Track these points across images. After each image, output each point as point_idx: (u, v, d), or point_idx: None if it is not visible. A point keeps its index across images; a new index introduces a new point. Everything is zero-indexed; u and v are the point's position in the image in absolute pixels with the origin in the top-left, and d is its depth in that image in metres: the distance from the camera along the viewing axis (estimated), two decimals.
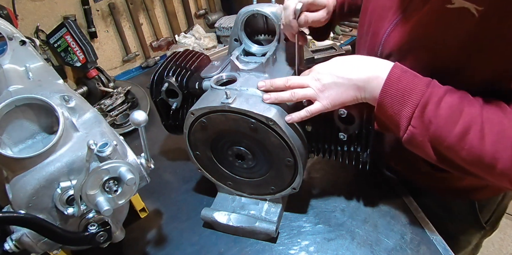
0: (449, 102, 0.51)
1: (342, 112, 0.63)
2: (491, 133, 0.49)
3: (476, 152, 0.50)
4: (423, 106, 0.52)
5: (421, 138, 0.54)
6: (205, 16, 1.86)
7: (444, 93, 0.52)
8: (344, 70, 0.60)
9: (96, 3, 1.44)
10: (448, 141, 0.52)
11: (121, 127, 1.21)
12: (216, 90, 0.70)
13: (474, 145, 0.50)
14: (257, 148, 0.71)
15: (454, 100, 0.52)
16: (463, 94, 0.53)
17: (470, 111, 0.51)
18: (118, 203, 0.60)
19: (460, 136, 0.51)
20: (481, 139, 0.50)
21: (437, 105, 0.51)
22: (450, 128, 0.51)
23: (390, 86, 0.54)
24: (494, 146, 0.49)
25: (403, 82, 0.54)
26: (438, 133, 0.52)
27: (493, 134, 0.49)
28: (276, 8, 0.72)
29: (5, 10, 1.07)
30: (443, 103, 0.51)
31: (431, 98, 0.52)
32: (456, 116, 0.51)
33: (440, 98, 0.52)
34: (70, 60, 1.31)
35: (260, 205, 0.82)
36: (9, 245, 0.58)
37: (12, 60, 0.77)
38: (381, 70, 0.56)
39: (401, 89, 0.54)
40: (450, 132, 0.51)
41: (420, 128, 0.53)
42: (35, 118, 0.64)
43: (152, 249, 0.80)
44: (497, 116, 0.50)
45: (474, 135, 0.50)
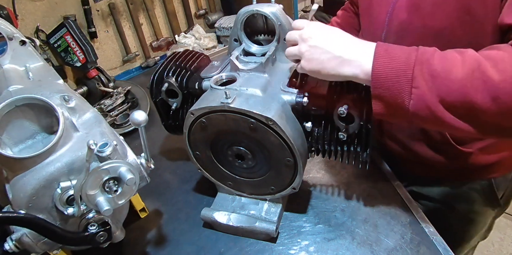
0: (442, 54, 0.53)
1: (342, 112, 0.63)
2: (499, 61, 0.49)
3: (490, 85, 0.49)
4: (420, 64, 0.52)
5: (429, 97, 0.52)
6: (205, 16, 1.86)
7: (434, 50, 0.54)
8: (332, 39, 0.60)
9: (96, 3, 1.44)
10: (459, 85, 0.50)
11: (121, 127, 1.21)
12: (216, 90, 0.70)
13: (489, 79, 0.49)
14: (257, 148, 0.71)
15: (446, 52, 0.53)
16: (452, 49, 0.54)
17: (465, 55, 0.52)
18: (118, 203, 0.60)
19: (469, 74, 0.50)
20: (487, 71, 0.49)
21: (432, 58, 0.52)
22: (455, 73, 0.50)
23: (381, 57, 0.55)
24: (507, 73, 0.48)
25: (392, 52, 0.55)
26: (445, 82, 0.51)
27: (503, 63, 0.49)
28: (276, 8, 0.72)
29: (5, 10, 1.07)
30: (436, 56, 0.52)
31: (424, 55, 0.53)
32: (455, 61, 0.51)
33: (433, 53, 0.53)
34: (70, 60, 1.31)
35: (260, 205, 0.82)
36: (9, 245, 0.58)
37: (12, 60, 0.77)
38: (367, 48, 0.57)
39: (392, 57, 0.54)
40: (456, 78, 0.50)
41: (423, 86, 0.52)
42: (35, 118, 0.64)
43: (152, 249, 0.80)
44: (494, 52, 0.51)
45: (480, 73, 0.49)
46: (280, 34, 0.74)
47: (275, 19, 0.72)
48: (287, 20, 0.73)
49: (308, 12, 2.14)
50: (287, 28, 0.72)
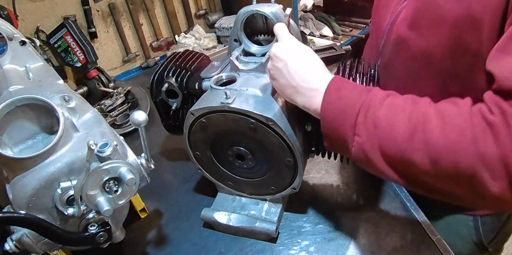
0: (391, 103, 0.49)
1: None
2: (442, 124, 0.44)
3: (430, 148, 0.45)
4: (366, 111, 0.49)
5: (369, 147, 0.49)
6: (205, 16, 1.86)
7: (386, 95, 0.50)
8: (294, 66, 0.58)
9: (96, 3, 1.44)
10: (398, 143, 0.47)
11: (121, 127, 1.21)
12: (216, 90, 0.71)
13: (430, 141, 0.44)
14: (257, 148, 0.71)
15: (397, 100, 0.49)
16: (409, 96, 0.50)
17: (416, 107, 0.47)
18: (118, 203, 0.60)
19: (410, 135, 0.46)
20: (428, 134, 0.45)
21: (379, 107, 0.49)
22: (398, 129, 0.47)
23: (330, 96, 0.53)
24: (452, 139, 0.43)
25: (342, 92, 0.53)
26: (385, 137, 0.48)
27: (445, 125, 0.44)
28: (276, 8, 0.72)
29: (5, 11, 1.07)
30: (385, 104, 0.49)
31: (372, 101, 0.50)
32: (401, 115, 0.47)
33: (382, 99, 0.49)
34: (70, 60, 1.31)
35: (260, 205, 0.82)
36: (9, 245, 0.58)
37: (12, 61, 0.77)
38: (321, 83, 0.55)
39: (341, 98, 0.52)
40: (397, 133, 0.47)
41: (366, 135, 0.49)
42: (35, 119, 0.64)
43: (152, 249, 0.80)
44: (444, 110, 0.46)
45: (422, 132, 0.45)
46: None
47: (275, 19, 0.72)
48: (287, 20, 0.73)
49: (308, 12, 2.14)
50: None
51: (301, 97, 0.58)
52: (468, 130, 0.43)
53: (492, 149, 0.41)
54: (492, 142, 0.41)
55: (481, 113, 0.43)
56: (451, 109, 0.46)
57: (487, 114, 0.43)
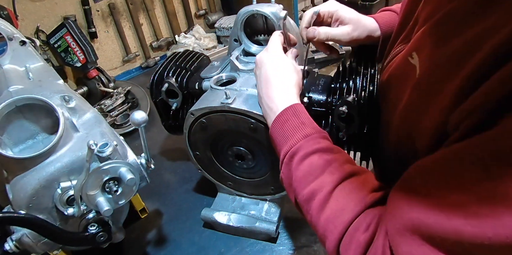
0: (313, 161, 0.49)
1: (342, 112, 0.63)
2: (330, 209, 0.45)
3: (313, 221, 0.47)
4: (291, 156, 0.51)
5: (286, 185, 0.53)
6: (205, 16, 1.86)
7: (315, 150, 0.50)
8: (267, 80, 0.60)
9: (96, 3, 1.44)
10: (299, 199, 0.49)
11: (121, 127, 1.21)
12: (216, 90, 0.71)
13: (313, 214, 0.47)
14: (257, 148, 0.71)
15: (320, 161, 0.49)
16: (335, 158, 0.49)
17: (327, 177, 0.47)
18: (118, 203, 0.60)
19: (307, 199, 0.48)
20: (319, 210, 0.46)
21: (302, 159, 0.50)
22: (303, 187, 0.49)
23: (277, 124, 0.55)
24: (326, 223, 0.45)
25: (286, 126, 0.54)
26: (294, 187, 0.50)
27: (331, 210, 0.45)
28: (276, 8, 0.72)
29: (5, 11, 1.07)
30: (308, 159, 0.50)
31: (299, 151, 0.51)
32: (312, 177, 0.48)
33: (308, 153, 0.50)
34: (70, 60, 1.31)
35: (260, 205, 0.82)
36: (9, 245, 0.58)
37: (12, 61, 0.77)
38: (280, 103, 0.56)
39: (284, 131, 0.54)
40: (301, 191, 0.49)
41: (285, 175, 0.52)
42: (35, 119, 0.64)
43: (152, 249, 0.80)
44: (347, 194, 0.46)
45: (316, 203, 0.47)
46: None
47: (275, 19, 0.72)
48: (287, 20, 0.73)
49: None
50: (287, 28, 0.72)
51: (262, 108, 0.60)
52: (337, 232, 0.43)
53: None
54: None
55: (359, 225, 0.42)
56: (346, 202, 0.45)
57: (359, 231, 0.42)
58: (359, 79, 0.66)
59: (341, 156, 0.50)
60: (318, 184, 0.47)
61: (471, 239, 0.28)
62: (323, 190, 0.46)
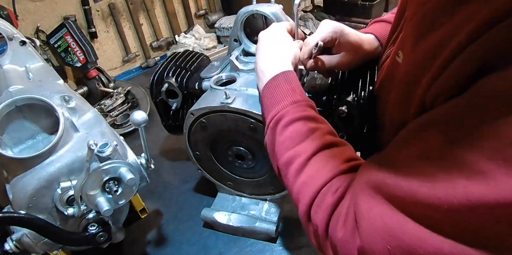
0: (297, 128, 0.50)
1: (342, 111, 0.63)
2: (305, 174, 0.47)
3: (289, 185, 0.49)
4: (277, 121, 0.52)
5: (269, 150, 0.54)
6: (205, 16, 1.86)
7: (300, 117, 0.51)
8: (265, 48, 0.62)
9: (96, 3, 1.44)
10: (280, 162, 0.51)
11: (121, 127, 1.21)
12: (216, 90, 0.71)
13: (290, 179, 0.49)
14: (257, 148, 0.71)
15: (303, 128, 0.50)
16: (319, 127, 0.51)
17: (307, 145, 0.48)
18: (118, 203, 0.60)
19: (286, 163, 0.49)
20: (296, 175, 0.48)
21: (287, 125, 0.51)
22: (284, 152, 0.50)
23: (268, 88, 0.56)
24: (300, 187, 0.47)
25: (277, 91, 0.55)
26: (277, 150, 0.52)
27: (306, 175, 0.47)
28: (276, 8, 0.72)
29: (5, 11, 1.07)
30: (292, 125, 0.51)
31: (285, 116, 0.52)
32: (294, 143, 0.49)
33: (293, 120, 0.51)
34: (70, 60, 1.31)
35: (260, 205, 0.82)
36: (9, 245, 0.58)
37: (12, 60, 0.77)
38: (273, 69, 0.58)
39: (274, 96, 0.55)
40: (282, 155, 0.50)
41: (269, 140, 0.54)
42: (35, 119, 0.64)
43: (152, 249, 0.81)
44: (323, 162, 0.47)
45: (293, 168, 0.48)
46: None
47: (275, 19, 0.72)
48: (287, 20, 0.73)
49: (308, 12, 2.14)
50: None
51: (257, 76, 0.61)
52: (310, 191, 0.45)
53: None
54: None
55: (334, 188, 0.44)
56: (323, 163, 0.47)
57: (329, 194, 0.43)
58: (359, 79, 0.66)
59: (324, 126, 0.52)
60: (299, 150, 0.48)
61: (424, 199, 0.30)
62: (302, 155, 0.48)
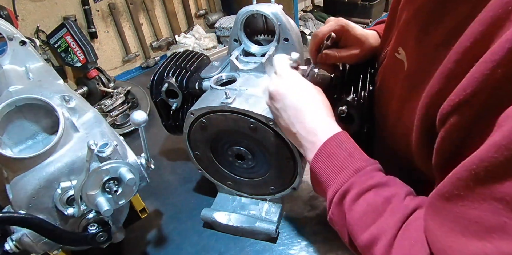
0: (369, 200, 0.44)
1: (342, 111, 0.63)
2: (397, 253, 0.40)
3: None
4: (342, 195, 0.46)
5: (338, 227, 0.48)
6: (205, 16, 1.86)
7: (370, 187, 0.44)
8: (295, 110, 0.53)
9: (96, 3, 1.44)
10: (358, 243, 0.44)
11: (121, 127, 1.21)
12: (216, 90, 0.71)
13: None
14: (257, 148, 0.71)
15: (377, 199, 0.43)
16: (394, 194, 0.44)
17: (388, 219, 0.42)
18: (118, 203, 0.60)
19: (368, 245, 0.42)
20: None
21: (356, 198, 0.44)
22: (362, 230, 0.43)
23: (320, 158, 0.49)
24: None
25: (333, 159, 0.48)
26: (350, 229, 0.45)
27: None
28: (276, 8, 0.72)
29: (5, 11, 1.07)
30: (362, 198, 0.44)
31: (352, 189, 0.45)
32: (370, 218, 0.43)
33: (362, 191, 0.44)
34: (70, 60, 1.31)
35: (260, 205, 0.82)
36: (9, 245, 0.58)
37: (12, 61, 0.77)
38: (320, 135, 0.50)
39: (330, 166, 0.48)
40: (360, 235, 0.43)
41: (337, 217, 0.47)
42: (35, 119, 0.64)
43: (152, 249, 0.80)
44: (414, 236, 0.39)
45: (379, 250, 0.41)
46: (280, 34, 0.74)
47: (275, 19, 0.72)
48: (287, 20, 0.73)
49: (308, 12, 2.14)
50: (287, 28, 0.72)
51: (297, 144, 0.54)
52: None
53: None
54: None
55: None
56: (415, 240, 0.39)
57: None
58: (359, 78, 0.66)
59: (399, 189, 0.44)
60: (380, 227, 0.41)
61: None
62: (386, 234, 0.40)
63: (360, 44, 0.65)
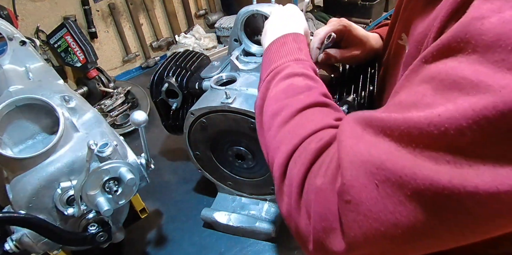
0: (295, 82, 0.47)
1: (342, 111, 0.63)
2: (291, 125, 0.43)
3: (270, 137, 0.45)
4: (275, 73, 0.50)
5: (258, 106, 0.50)
6: (205, 16, 1.86)
7: (301, 74, 0.48)
8: (278, 16, 0.61)
9: (96, 3, 1.44)
10: (266, 115, 0.47)
11: (121, 127, 1.21)
12: (216, 90, 0.71)
13: (273, 129, 0.44)
14: (257, 148, 0.71)
15: (301, 83, 0.47)
16: (317, 87, 0.47)
17: (301, 98, 0.45)
18: (119, 203, 0.60)
19: (274, 113, 0.45)
20: (281, 125, 0.43)
21: (284, 78, 0.48)
22: (275, 102, 0.46)
23: (275, 44, 0.54)
24: (283, 137, 0.42)
25: (285, 47, 0.53)
26: (267, 103, 0.48)
27: (292, 126, 0.42)
28: (276, 8, 0.72)
29: (5, 11, 1.07)
30: (290, 79, 0.48)
31: (285, 69, 0.49)
32: (287, 95, 0.46)
33: (293, 74, 0.48)
34: (70, 60, 1.31)
35: (260, 205, 0.82)
36: (9, 245, 0.58)
37: (12, 61, 0.77)
38: (285, 31, 0.56)
39: (278, 52, 0.53)
40: (272, 105, 0.47)
41: (262, 94, 0.50)
42: (35, 119, 0.64)
43: (152, 249, 0.80)
44: (313, 116, 0.43)
45: (280, 118, 0.44)
46: None
47: None
48: None
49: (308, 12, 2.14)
50: None
51: (264, 38, 0.59)
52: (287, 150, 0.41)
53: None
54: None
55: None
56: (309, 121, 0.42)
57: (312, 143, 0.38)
58: (359, 79, 0.66)
59: (322, 88, 0.48)
60: (291, 101, 0.45)
61: (420, 122, 0.27)
62: (293, 107, 0.44)
63: (362, 45, 0.65)
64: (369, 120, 0.32)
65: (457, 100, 0.25)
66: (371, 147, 0.30)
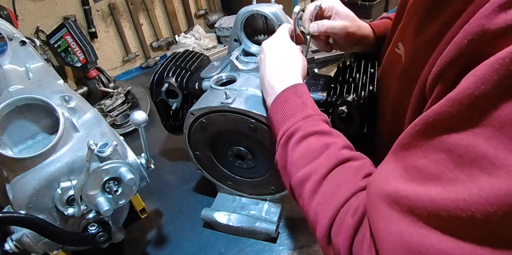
0: (310, 143, 0.48)
1: (342, 111, 0.63)
2: (322, 193, 0.43)
3: (305, 205, 0.45)
4: (288, 137, 0.50)
5: (281, 168, 0.52)
6: (205, 16, 1.86)
7: (314, 132, 0.49)
8: (271, 59, 0.60)
9: (96, 3, 1.44)
10: (293, 181, 0.48)
11: (121, 127, 1.21)
12: (216, 90, 0.71)
13: (305, 198, 0.45)
14: (257, 148, 0.71)
15: (317, 143, 0.47)
16: (334, 142, 0.48)
17: (323, 161, 0.45)
18: (118, 203, 0.60)
19: (301, 182, 0.46)
20: (312, 194, 0.44)
21: (299, 141, 0.49)
22: (298, 170, 0.47)
23: (278, 103, 0.54)
24: (318, 208, 0.42)
25: (287, 106, 0.53)
26: (289, 169, 0.49)
27: (323, 195, 0.43)
28: (276, 8, 0.72)
29: (5, 11, 1.07)
30: (305, 141, 0.48)
31: (298, 131, 0.49)
32: (308, 159, 0.46)
33: (306, 135, 0.49)
34: (70, 60, 1.31)
35: (260, 205, 0.82)
36: (9, 245, 0.58)
37: (12, 61, 0.77)
38: (283, 82, 0.56)
39: (284, 111, 0.53)
40: (295, 173, 0.47)
41: (280, 157, 0.51)
42: (35, 119, 0.64)
43: (152, 249, 0.80)
44: (340, 179, 0.43)
45: (309, 187, 0.44)
46: None
47: (275, 19, 0.72)
48: (287, 20, 0.73)
49: None
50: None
51: (264, 88, 0.60)
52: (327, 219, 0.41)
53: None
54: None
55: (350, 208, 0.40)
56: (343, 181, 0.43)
57: (348, 215, 0.39)
58: (359, 78, 0.66)
59: (340, 140, 0.49)
60: (313, 167, 0.45)
61: (447, 205, 0.27)
62: (317, 173, 0.44)
63: (351, 20, 0.69)
64: (394, 197, 0.32)
65: (479, 180, 0.26)
66: (403, 232, 0.30)
